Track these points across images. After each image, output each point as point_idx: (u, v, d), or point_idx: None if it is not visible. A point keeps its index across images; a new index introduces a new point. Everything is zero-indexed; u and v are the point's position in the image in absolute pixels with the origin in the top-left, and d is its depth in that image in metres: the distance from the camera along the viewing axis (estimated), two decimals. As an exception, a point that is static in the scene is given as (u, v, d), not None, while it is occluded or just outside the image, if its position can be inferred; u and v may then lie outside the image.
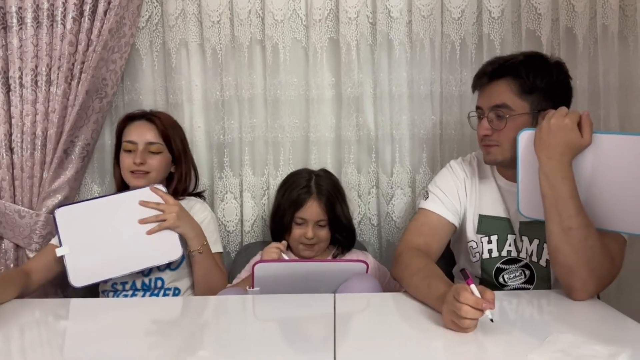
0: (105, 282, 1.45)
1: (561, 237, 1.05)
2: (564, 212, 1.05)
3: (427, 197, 1.32)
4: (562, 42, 1.64)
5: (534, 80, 1.16)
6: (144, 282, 1.45)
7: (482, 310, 0.89)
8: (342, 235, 1.49)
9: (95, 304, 1.21)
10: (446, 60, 1.67)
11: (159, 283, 1.45)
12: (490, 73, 1.21)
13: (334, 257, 1.51)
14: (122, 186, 1.51)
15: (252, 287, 1.22)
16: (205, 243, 1.41)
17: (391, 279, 1.47)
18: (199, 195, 1.62)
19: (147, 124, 1.47)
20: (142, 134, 1.45)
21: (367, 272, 1.27)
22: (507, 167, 1.25)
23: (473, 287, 0.91)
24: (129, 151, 1.44)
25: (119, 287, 1.45)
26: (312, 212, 1.43)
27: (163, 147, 1.47)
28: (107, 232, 1.34)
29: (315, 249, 1.46)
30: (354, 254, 1.53)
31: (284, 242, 1.41)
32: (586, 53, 1.62)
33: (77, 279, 1.31)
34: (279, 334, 0.96)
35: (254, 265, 1.22)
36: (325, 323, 0.98)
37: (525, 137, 1.12)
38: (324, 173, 1.54)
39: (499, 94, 1.18)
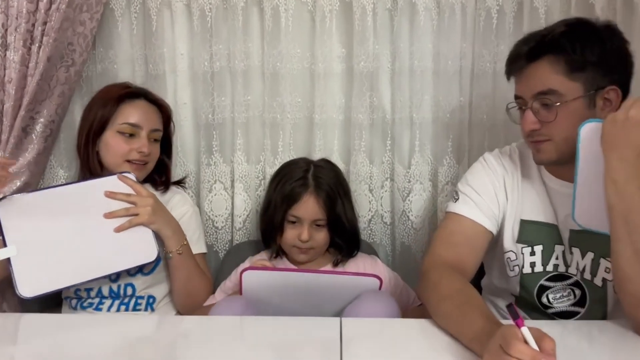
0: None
1: (632, 260, 0.86)
2: (637, 230, 0.85)
3: (458, 199, 1.12)
4: (619, 11, 1.40)
5: (583, 53, 0.96)
6: (112, 288, 1.24)
7: None
8: (342, 240, 1.29)
9: (50, 321, 1.01)
10: (480, 30, 1.45)
11: (130, 290, 1.25)
12: (527, 53, 1.01)
13: (335, 265, 1.31)
14: (91, 173, 1.27)
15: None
16: (185, 243, 1.22)
17: (404, 289, 1.31)
18: (179, 184, 1.41)
19: (153, 108, 1.30)
20: (149, 119, 1.27)
21: (380, 288, 1.07)
22: (560, 164, 1.05)
23: (526, 331, 0.70)
24: (128, 135, 1.24)
25: (83, 294, 1.25)
26: (307, 209, 1.24)
27: (161, 135, 1.32)
28: (64, 229, 1.12)
29: (310, 254, 1.28)
30: (360, 259, 1.33)
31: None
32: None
33: (26, 288, 1.08)
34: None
35: (241, 273, 1.06)
36: (330, 355, 0.82)
37: (589, 131, 0.92)
38: (326, 164, 1.34)
39: (542, 78, 0.99)
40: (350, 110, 1.48)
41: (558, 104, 0.97)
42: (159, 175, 1.35)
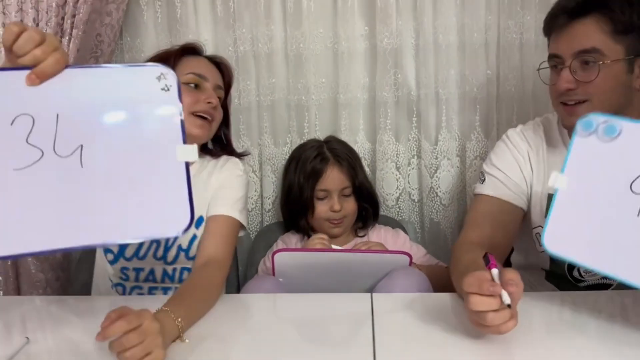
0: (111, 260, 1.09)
1: None
2: None
3: (484, 180, 1.11)
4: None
5: (631, 15, 0.93)
6: (166, 272, 1.11)
7: (494, 296, 0.69)
8: (367, 204, 1.35)
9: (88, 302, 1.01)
10: (505, 1, 1.40)
11: (186, 275, 1.11)
12: (572, 10, 0.96)
13: (357, 234, 1.36)
14: None
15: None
16: (179, 326, 0.80)
17: (429, 257, 1.34)
18: (240, 157, 1.25)
19: (215, 67, 1.17)
20: (214, 74, 1.15)
21: (409, 265, 1.08)
22: None
23: (495, 272, 0.72)
24: (194, 86, 1.10)
25: (131, 274, 1.11)
26: (334, 179, 1.28)
27: (223, 96, 1.18)
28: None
29: (344, 224, 1.31)
30: (382, 229, 1.36)
31: (325, 236, 1.25)
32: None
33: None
34: (304, 339, 0.83)
35: (273, 255, 1.08)
36: (361, 329, 0.83)
37: (583, 144, 0.79)
38: (334, 139, 1.39)
39: (587, 36, 0.95)
40: (374, 89, 1.46)
41: (601, 62, 0.93)
42: (221, 144, 1.23)
